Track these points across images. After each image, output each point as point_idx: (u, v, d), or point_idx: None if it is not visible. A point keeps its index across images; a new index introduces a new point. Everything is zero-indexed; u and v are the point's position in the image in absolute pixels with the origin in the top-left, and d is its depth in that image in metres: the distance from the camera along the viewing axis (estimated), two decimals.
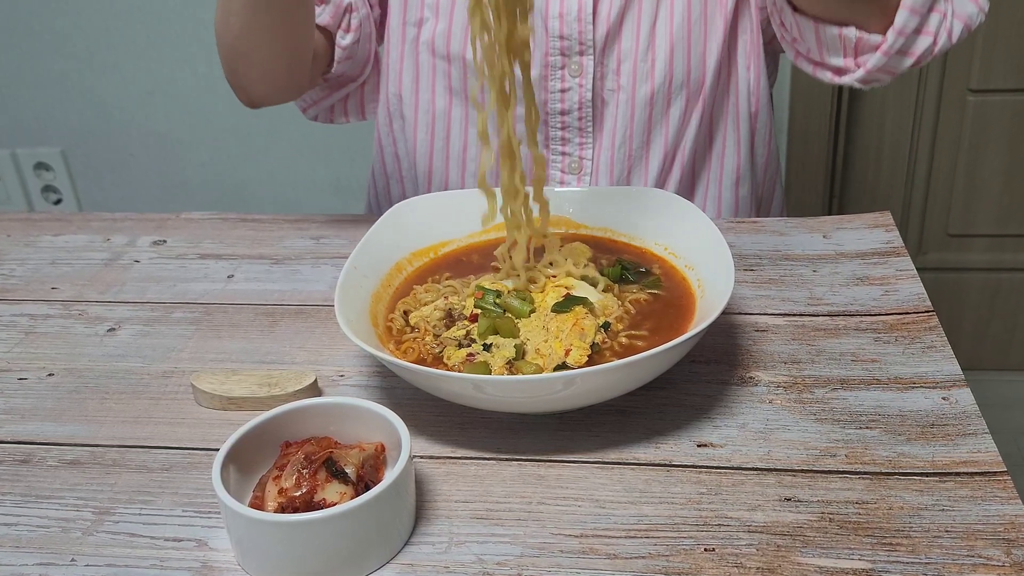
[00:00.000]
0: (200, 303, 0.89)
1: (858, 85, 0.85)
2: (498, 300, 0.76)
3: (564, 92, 0.99)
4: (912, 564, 0.57)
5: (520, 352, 0.72)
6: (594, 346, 0.72)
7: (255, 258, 0.96)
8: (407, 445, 0.60)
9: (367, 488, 0.59)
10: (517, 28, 0.72)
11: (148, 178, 2.14)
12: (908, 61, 0.81)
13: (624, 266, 0.81)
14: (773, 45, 1.03)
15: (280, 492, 0.59)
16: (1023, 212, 1.92)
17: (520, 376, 0.68)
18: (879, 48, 0.81)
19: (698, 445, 0.68)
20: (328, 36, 1.00)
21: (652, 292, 0.79)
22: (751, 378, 0.74)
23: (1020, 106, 1.83)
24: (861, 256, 0.90)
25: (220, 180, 2.12)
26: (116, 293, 0.91)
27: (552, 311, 0.75)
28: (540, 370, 0.70)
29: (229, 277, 0.93)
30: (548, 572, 0.58)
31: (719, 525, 0.61)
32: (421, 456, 0.68)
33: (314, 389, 0.74)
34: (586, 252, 0.84)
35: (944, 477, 0.64)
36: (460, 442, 0.69)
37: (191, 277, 0.93)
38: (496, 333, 0.74)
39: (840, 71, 0.85)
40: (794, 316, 0.82)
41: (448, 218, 0.88)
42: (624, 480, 0.65)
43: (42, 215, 1.08)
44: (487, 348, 0.72)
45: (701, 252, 0.79)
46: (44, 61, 2.02)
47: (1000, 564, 0.57)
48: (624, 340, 0.74)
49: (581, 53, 0.98)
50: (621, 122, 1.00)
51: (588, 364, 0.71)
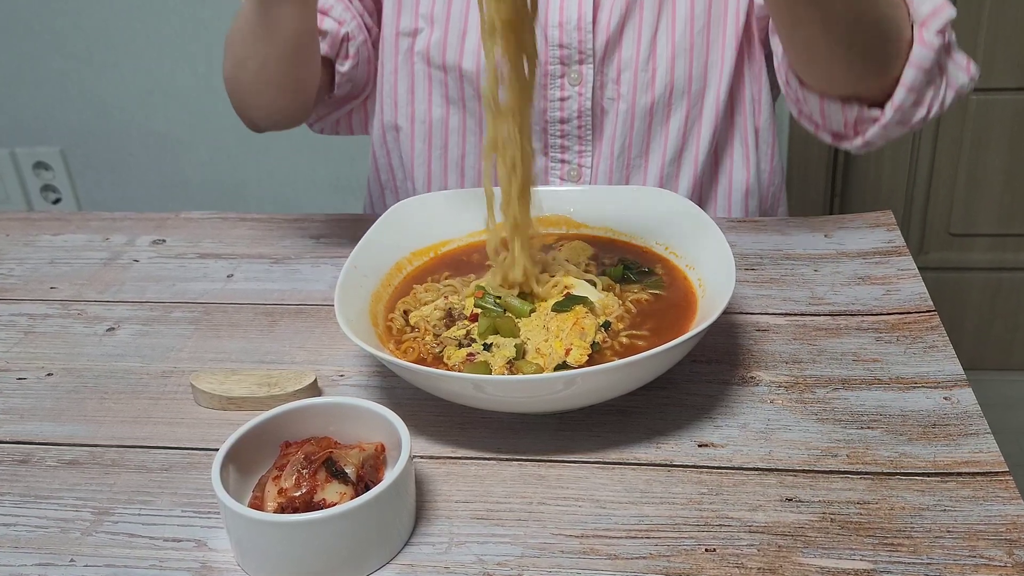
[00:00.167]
0: (199, 303, 0.89)
1: (855, 151, 0.89)
2: (498, 300, 0.76)
3: (563, 100, 0.99)
4: (914, 564, 0.57)
5: (520, 352, 0.72)
6: (595, 346, 0.72)
7: (255, 257, 0.96)
8: (407, 445, 0.60)
9: (367, 488, 0.59)
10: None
11: (147, 177, 2.14)
12: (903, 129, 0.86)
13: (627, 265, 0.81)
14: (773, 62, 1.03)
15: (280, 492, 0.59)
16: None
17: (520, 376, 0.68)
18: (878, 122, 0.85)
19: (699, 445, 0.68)
20: (328, 63, 1.02)
21: (654, 292, 0.79)
22: (752, 378, 0.74)
23: (1022, 105, 1.83)
24: (862, 255, 0.90)
25: (219, 179, 2.11)
26: (115, 293, 0.91)
27: (552, 310, 0.75)
28: (540, 370, 0.70)
29: (229, 277, 0.93)
30: (549, 572, 0.58)
31: (720, 525, 0.61)
32: (421, 456, 0.68)
33: (314, 389, 0.74)
34: (587, 251, 0.83)
35: (946, 477, 0.63)
36: (460, 442, 0.69)
37: (190, 277, 0.93)
38: (496, 333, 0.74)
39: (839, 136, 0.90)
40: (795, 316, 0.81)
41: (448, 218, 0.87)
42: (625, 480, 0.65)
43: (41, 214, 1.08)
44: (487, 348, 0.72)
45: (702, 251, 0.79)
46: (43, 60, 2.02)
47: (1002, 564, 0.57)
48: (625, 340, 0.74)
49: (581, 62, 0.98)
50: (620, 130, 1.00)
51: (589, 364, 0.70)
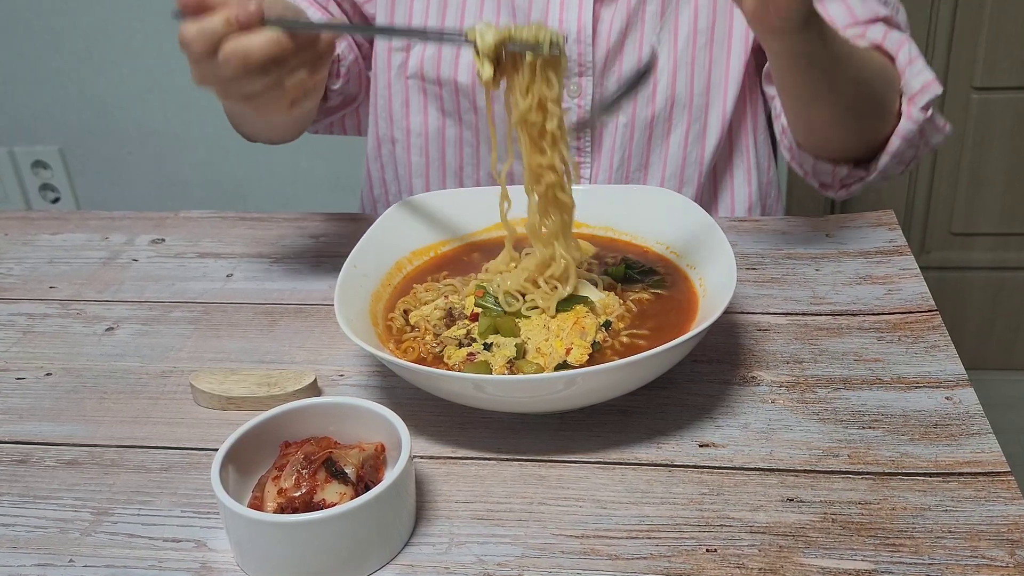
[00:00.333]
0: (199, 302, 0.88)
1: (839, 199, 0.98)
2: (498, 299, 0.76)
3: (563, 112, 0.98)
4: (915, 565, 0.57)
5: (521, 351, 0.71)
6: (595, 345, 0.72)
7: (254, 257, 0.96)
8: (407, 445, 0.60)
9: (367, 488, 0.59)
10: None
11: (146, 176, 2.14)
12: (885, 183, 0.96)
13: (629, 265, 0.81)
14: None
15: (280, 492, 0.59)
16: None
17: (521, 376, 0.68)
18: (863, 180, 0.94)
19: (700, 445, 0.67)
20: None
21: (655, 292, 0.78)
22: (753, 378, 0.74)
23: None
24: (864, 255, 0.90)
25: (218, 178, 2.11)
26: (114, 292, 0.91)
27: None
28: (541, 369, 0.70)
29: (228, 276, 0.92)
30: (549, 573, 0.58)
31: (721, 526, 0.60)
32: (421, 456, 0.68)
33: (314, 389, 0.74)
34: (589, 250, 0.83)
35: (947, 477, 0.63)
36: (460, 442, 0.69)
37: (190, 276, 0.93)
38: (497, 332, 0.73)
39: (826, 186, 0.98)
40: (797, 315, 0.81)
41: (448, 217, 0.87)
42: (626, 480, 0.65)
43: (40, 213, 1.07)
44: (488, 347, 0.72)
45: (703, 251, 0.79)
46: (42, 59, 2.02)
47: (1004, 565, 0.56)
48: (626, 339, 0.73)
49: (580, 74, 0.98)
50: (620, 143, 1.01)
51: (589, 363, 0.70)
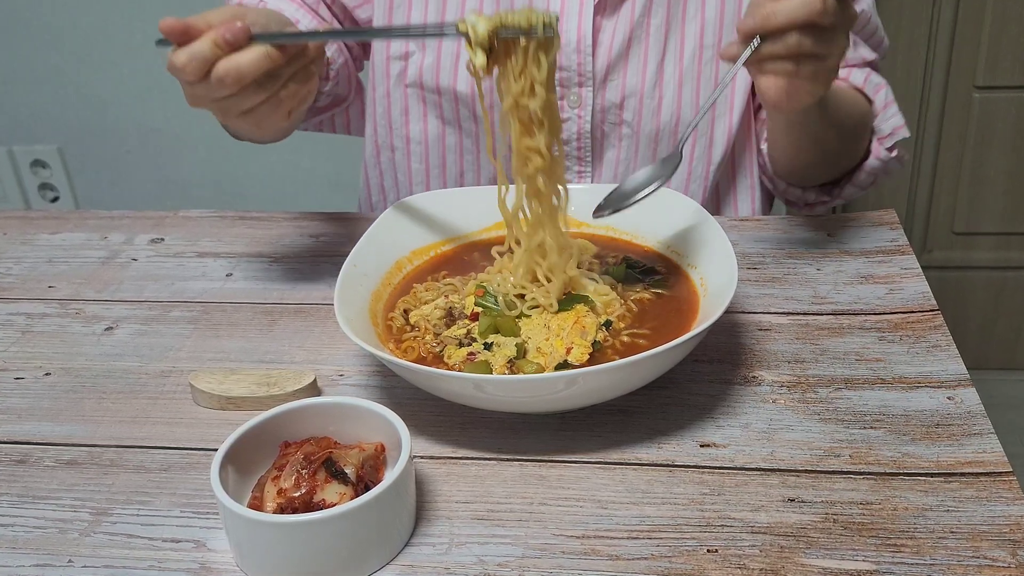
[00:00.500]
0: (198, 302, 0.88)
1: (803, 215, 1.03)
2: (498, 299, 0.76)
3: (562, 122, 0.98)
4: (917, 565, 0.57)
5: (521, 351, 0.71)
6: (596, 344, 0.72)
7: (254, 256, 0.95)
8: (407, 445, 0.59)
9: (367, 488, 0.59)
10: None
11: (146, 175, 2.14)
12: (845, 202, 1.05)
13: (630, 264, 0.81)
14: None
15: (279, 492, 0.59)
16: None
17: (521, 376, 0.67)
18: (826, 204, 1.04)
19: (701, 445, 0.67)
20: None
21: (656, 291, 0.78)
22: (754, 377, 0.74)
23: None
24: (865, 254, 0.89)
25: (218, 177, 2.11)
26: (113, 292, 0.91)
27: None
28: (541, 369, 0.69)
29: (227, 275, 0.92)
30: (550, 573, 0.58)
31: (722, 526, 0.60)
32: (421, 456, 0.68)
33: (313, 389, 0.74)
34: (590, 249, 0.83)
35: (949, 477, 0.63)
36: (461, 442, 0.69)
37: (189, 275, 0.93)
38: (497, 332, 0.73)
39: (793, 204, 1.06)
40: (798, 315, 0.81)
41: (448, 216, 0.87)
42: (626, 480, 0.64)
43: (39, 213, 1.07)
44: (488, 347, 0.72)
45: (704, 250, 0.79)
46: (41, 58, 2.02)
47: (1005, 565, 0.56)
48: (626, 339, 0.73)
49: (580, 84, 0.98)
50: (624, 155, 1.01)
51: (590, 363, 0.70)
